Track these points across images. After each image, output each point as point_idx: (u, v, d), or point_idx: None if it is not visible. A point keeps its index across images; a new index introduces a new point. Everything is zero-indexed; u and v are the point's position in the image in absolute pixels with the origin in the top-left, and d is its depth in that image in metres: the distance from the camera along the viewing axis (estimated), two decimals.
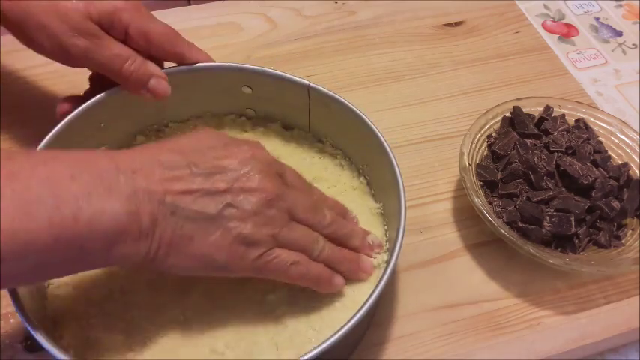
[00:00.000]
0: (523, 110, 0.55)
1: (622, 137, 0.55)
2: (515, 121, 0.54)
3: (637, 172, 0.53)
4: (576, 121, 0.55)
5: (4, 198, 0.29)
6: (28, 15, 0.43)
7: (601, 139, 0.55)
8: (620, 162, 0.54)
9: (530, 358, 0.46)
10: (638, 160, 0.53)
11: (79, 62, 0.45)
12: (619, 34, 0.74)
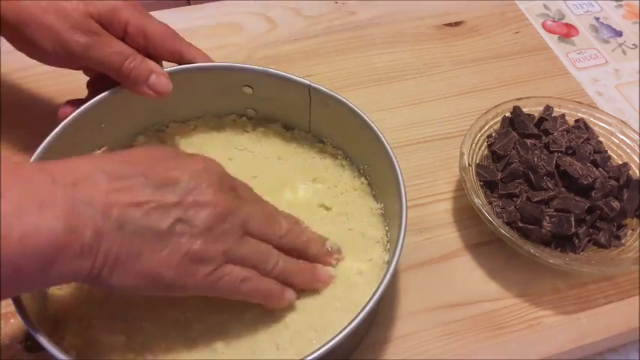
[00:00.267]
0: (523, 110, 0.55)
1: (622, 137, 0.55)
2: (515, 121, 0.54)
3: (637, 172, 0.53)
4: (576, 121, 0.55)
5: None
6: (28, 15, 0.43)
7: (601, 139, 0.55)
8: (620, 162, 0.54)
9: (530, 358, 0.46)
10: (638, 160, 0.53)
11: (80, 61, 0.45)
12: (619, 34, 0.75)
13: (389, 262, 0.39)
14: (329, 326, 0.42)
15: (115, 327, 0.41)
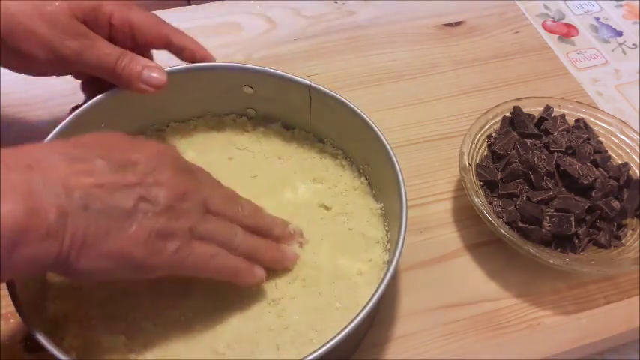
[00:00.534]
0: (523, 110, 0.55)
1: (622, 137, 0.55)
2: (515, 121, 0.54)
3: (637, 172, 0.53)
4: (576, 121, 0.55)
5: None
6: (14, 24, 0.42)
7: (601, 139, 0.55)
8: (620, 162, 0.54)
9: (530, 358, 0.46)
10: (638, 160, 0.53)
11: (72, 67, 0.45)
12: (619, 34, 0.75)
13: (389, 262, 0.39)
14: (329, 326, 0.42)
15: (115, 327, 0.41)
